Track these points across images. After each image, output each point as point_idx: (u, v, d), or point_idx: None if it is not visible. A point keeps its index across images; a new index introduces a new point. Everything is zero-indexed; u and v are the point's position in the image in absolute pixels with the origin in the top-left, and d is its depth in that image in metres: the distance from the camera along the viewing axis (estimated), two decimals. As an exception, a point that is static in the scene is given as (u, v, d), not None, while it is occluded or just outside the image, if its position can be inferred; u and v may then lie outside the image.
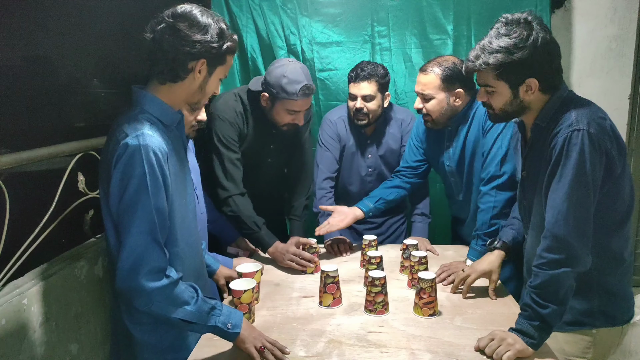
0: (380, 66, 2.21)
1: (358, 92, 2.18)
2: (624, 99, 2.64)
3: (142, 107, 1.28)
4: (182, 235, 1.35)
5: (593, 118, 1.29)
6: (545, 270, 1.28)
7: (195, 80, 1.29)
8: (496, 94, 1.38)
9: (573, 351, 1.46)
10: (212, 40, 1.25)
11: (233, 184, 1.98)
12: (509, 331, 1.31)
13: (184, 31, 1.22)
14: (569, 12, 2.61)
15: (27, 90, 1.52)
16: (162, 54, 1.24)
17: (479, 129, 1.96)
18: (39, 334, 1.32)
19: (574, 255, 1.27)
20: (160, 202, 1.22)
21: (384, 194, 2.19)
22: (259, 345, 1.29)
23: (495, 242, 1.70)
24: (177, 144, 1.37)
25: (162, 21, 1.24)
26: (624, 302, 1.45)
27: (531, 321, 1.29)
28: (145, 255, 1.19)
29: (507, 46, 1.29)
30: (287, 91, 1.93)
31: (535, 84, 1.33)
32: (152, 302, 1.20)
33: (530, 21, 1.30)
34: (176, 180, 1.32)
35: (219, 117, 2.00)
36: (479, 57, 1.34)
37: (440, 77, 1.91)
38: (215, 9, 2.60)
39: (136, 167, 1.18)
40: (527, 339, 1.28)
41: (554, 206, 1.29)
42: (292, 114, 2.01)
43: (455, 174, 2.07)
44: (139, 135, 1.20)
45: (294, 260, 1.92)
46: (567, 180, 1.26)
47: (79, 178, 1.57)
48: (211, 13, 1.29)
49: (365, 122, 2.22)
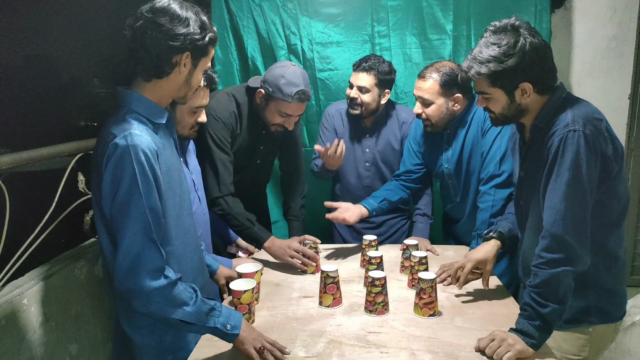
0: (386, 63, 2.22)
1: (355, 82, 2.21)
2: (624, 98, 2.65)
3: (129, 107, 1.27)
4: (176, 233, 1.35)
5: (589, 119, 1.30)
6: (544, 270, 1.29)
7: (180, 74, 1.28)
8: (493, 100, 1.41)
9: (570, 349, 1.47)
10: (194, 32, 1.24)
11: (224, 186, 1.96)
12: (509, 331, 1.31)
13: (166, 25, 1.21)
14: (569, 12, 2.61)
15: (27, 90, 1.52)
16: (145, 50, 1.22)
17: (477, 130, 1.98)
18: (39, 334, 1.32)
19: (573, 254, 1.28)
20: (153, 201, 1.22)
21: (388, 195, 2.18)
22: (259, 346, 1.28)
23: (491, 232, 1.71)
24: (168, 141, 1.36)
25: (140, 17, 1.22)
26: (618, 298, 1.47)
27: (531, 321, 1.29)
28: (141, 255, 1.18)
29: (497, 55, 1.32)
30: (282, 92, 1.93)
31: (529, 87, 1.36)
32: (151, 303, 1.20)
33: (517, 27, 1.33)
34: (168, 178, 1.31)
35: (213, 117, 1.97)
36: (471, 68, 1.37)
37: (439, 82, 1.93)
38: (215, 9, 2.60)
39: (126, 168, 1.18)
40: (528, 339, 1.28)
41: (552, 206, 1.30)
42: (284, 116, 2.01)
43: (453, 176, 2.08)
44: (127, 136, 1.19)
45: (295, 257, 1.89)
46: (564, 180, 1.27)
47: (79, 178, 1.57)
48: (189, 5, 1.27)
49: (358, 112, 2.24)
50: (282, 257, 1.90)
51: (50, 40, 1.60)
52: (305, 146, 2.63)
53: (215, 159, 1.96)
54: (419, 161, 2.19)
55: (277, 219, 2.74)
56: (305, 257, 1.89)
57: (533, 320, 1.29)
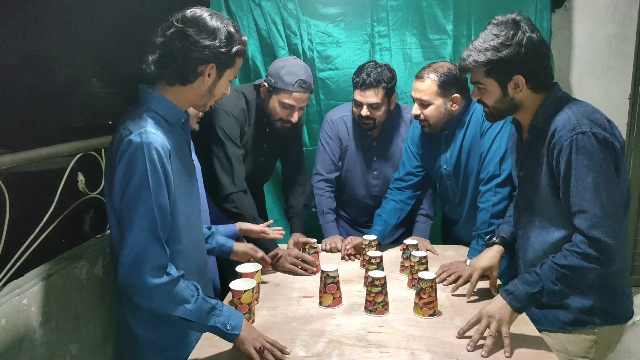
0: (386, 69, 2.14)
1: (364, 100, 2.12)
2: (624, 98, 2.64)
3: (149, 105, 1.30)
4: (185, 233, 1.36)
5: (591, 118, 1.30)
6: (576, 258, 1.28)
7: (204, 84, 1.31)
8: (487, 91, 1.42)
9: (576, 351, 1.46)
10: (220, 45, 1.27)
11: (238, 181, 1.95)
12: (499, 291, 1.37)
13: (193, 36, 1.24)
14: (569, 11, 2.61)
15: (27, 90, 1.52)
16: (171, 57, 1.26)
17: (476, 131, 1.97)
18: (39, 334, 1.32)
19: (610, 256, 1.27)
20: (162, 199, 1.23)
21: (390, 218, 2.15)
22: (259, 346, 1.29)
23: (493, 237, 1.71)
24: (182, 143, 1.39)
25: (171, 25, 1.25)
26: (623, 299, 1.46)
27: (530, 286, 1.31)
28: (145, 252, 1.20)
29: (495, 45, 1.34)
30: (284, 81, 1.95)
31: (522, 81, 1.36)
32: (153, 299, 1.21)
33: (518, 21, 1.35)
34: (179, 179, 1.32)
35: (225, 112, 1.99)
36: (470, 56, 1.39)
37: (437, 83, 1.92)
38: (214, 9, 2.59)
39: (138, 164, 1.20)
40: (514, 302, 1.31)
41: (585, 210, 1.28)
42: (287, 108, 2.01)
43: (452, 177, 2.08)
44: (142, 133, 1.21)
45: (296, 264, 1.91)
46: (589, 183, 1.26)
47: (79, 178, 1.57)
48: (220, 16, 1.31)
49: (371, 126, 2.19)
50: (282, 265, 1.92)
51: (50, 40, 1.60)
52: (306, 146, 2.63)
53: (230, 153, 1.96)
54: (419, 163, 2.18)
55: (277, 219, 2.74)
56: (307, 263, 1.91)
57: (531, 287, 1.30)
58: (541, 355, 1.30)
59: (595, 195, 1.26)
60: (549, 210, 1.42)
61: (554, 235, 1.42)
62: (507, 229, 1.71)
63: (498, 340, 1.32)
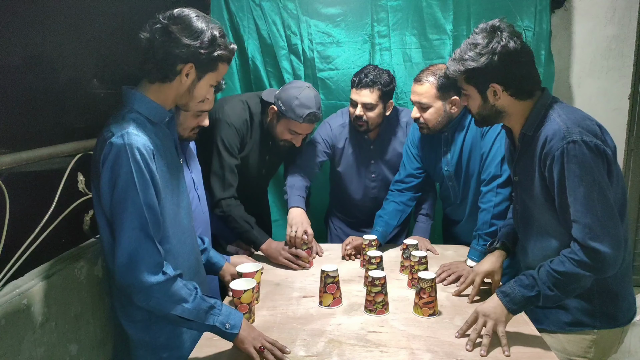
0: (386, 73, 2.15)
1: (358, 99, 2.15)
2: (624, 98, 2.64)
3: (131, 106, 1.31)
4: (174, 232, 1.37)
5: (582, 125, 1.29)
6: (573, 265, 1.28)
7: (182, 83, 1.32)
8: (470, 98, 1.45)
9: (575, 351, 1.47)
10: (201, 47, 1.27)
11: (227, 188, 2.01)
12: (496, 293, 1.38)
13: (175, 34, 1.25)
14: (569, 12, 2.62)
15: (27, 90, 1.51)
16: (152, 53, 1.26)
17: (476, 132, 1.97)
18: (39, 334, 1.32)
19: (606, 264, 1.27)
20: (150, 198, 1.24)
21: (391, 219, 2.15)
22: (259, 346, 1.29)
23: (495, 242, 1.71)
24: (168, 142, 1.39)
25: (157, 22, 1.26)
26: (625, 302, 1.45)
27: (526, 290, 1.32)
28: (139, 251, 1.21)
29: (472, 55, 1.36)
30: (295, 112, 2.00)
31: (499, 89, 1.38)
32: (151, 298, 1.22)
33: (496, 29, 1.35)
34: (166, 178, 1.33)
35: (227, 123, 2.04)
36: (451, 66, 1.42)
37: (435, 86, 1.92)
38: (214, 9, 2.60)
39: (123, 165, 1.20)
40: (510, 304, 1.33)
41: (579, 221, 1.28)
42: (293, 134, 2.08)
43: (453, 178, 2.08)
44: (124, 135, 1.22)
45: (289, 259, 1.96)
46: (581, 193, 1.26)
47: (78, 178, 1.57)
48: (208, 19, 1.30)
49: (364, 128, 2.20)
50: (276, 258, 1.98)
51: (49, 40, 1.60)
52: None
53: (224, 163, 2.02)
54: (419, 165, 2.18)
55: (277, 218, 2.75)
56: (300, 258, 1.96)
57: (528, 290, 1.32)
58: (540, 354, 1.30)
59: (588, 205, 1.26)
60: (545, 216, 1.42)
61: (551, 240, 1.42)
62: (509, 233, 1.71)
63: (496, 338, 1.33)
